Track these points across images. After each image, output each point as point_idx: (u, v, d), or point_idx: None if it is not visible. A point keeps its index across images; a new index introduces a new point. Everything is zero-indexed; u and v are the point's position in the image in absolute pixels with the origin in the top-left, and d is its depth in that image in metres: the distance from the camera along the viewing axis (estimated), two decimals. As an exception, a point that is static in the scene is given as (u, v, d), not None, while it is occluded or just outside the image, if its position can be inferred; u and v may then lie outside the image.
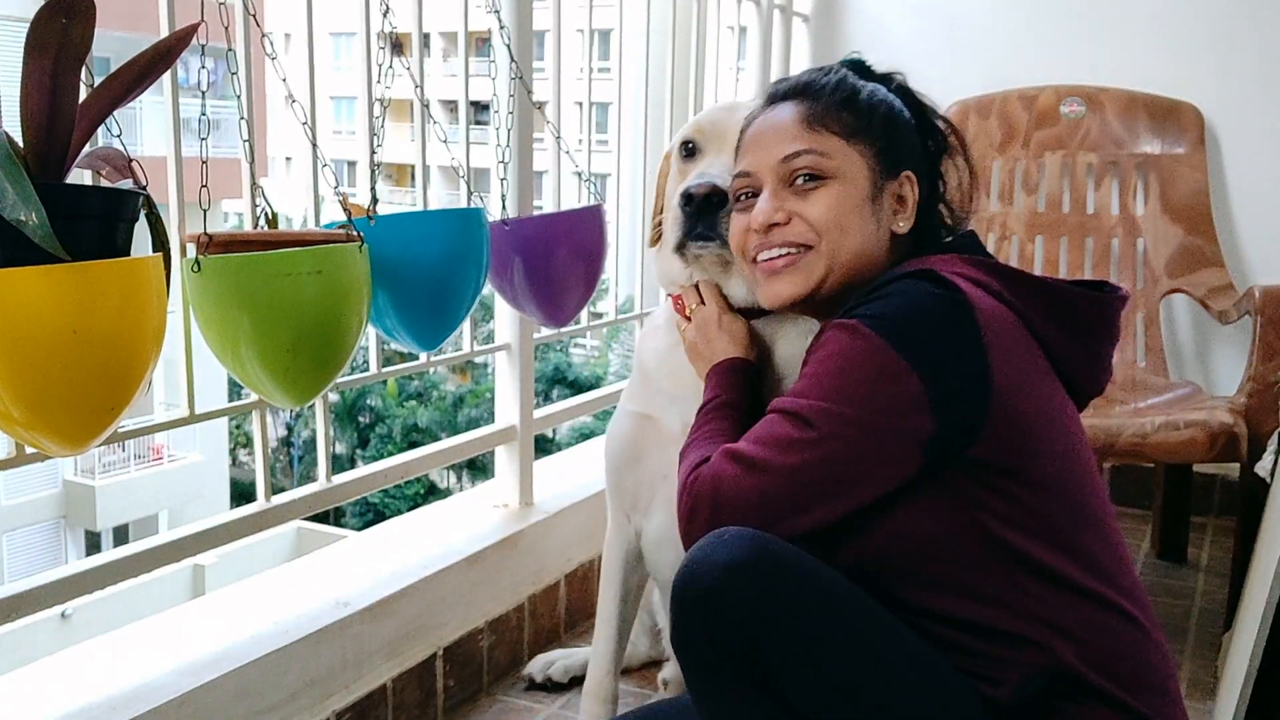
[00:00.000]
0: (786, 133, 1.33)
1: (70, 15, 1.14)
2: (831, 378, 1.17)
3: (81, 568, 1.53)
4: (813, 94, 1.34)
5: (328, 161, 1.71)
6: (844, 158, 1.31)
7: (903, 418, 1.14)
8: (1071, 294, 1.28)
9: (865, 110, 1.33)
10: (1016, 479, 1.17)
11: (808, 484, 1.17)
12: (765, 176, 1.34)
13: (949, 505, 1.17)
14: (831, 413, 1.16)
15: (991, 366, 1.15)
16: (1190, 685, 2.19)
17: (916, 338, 1.15)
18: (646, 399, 1.71)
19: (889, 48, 3.48)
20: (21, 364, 1.09)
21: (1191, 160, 3.01)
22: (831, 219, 1.29)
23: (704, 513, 1.22)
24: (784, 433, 1.18)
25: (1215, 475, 3.09)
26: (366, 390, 17.60)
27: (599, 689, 1.81)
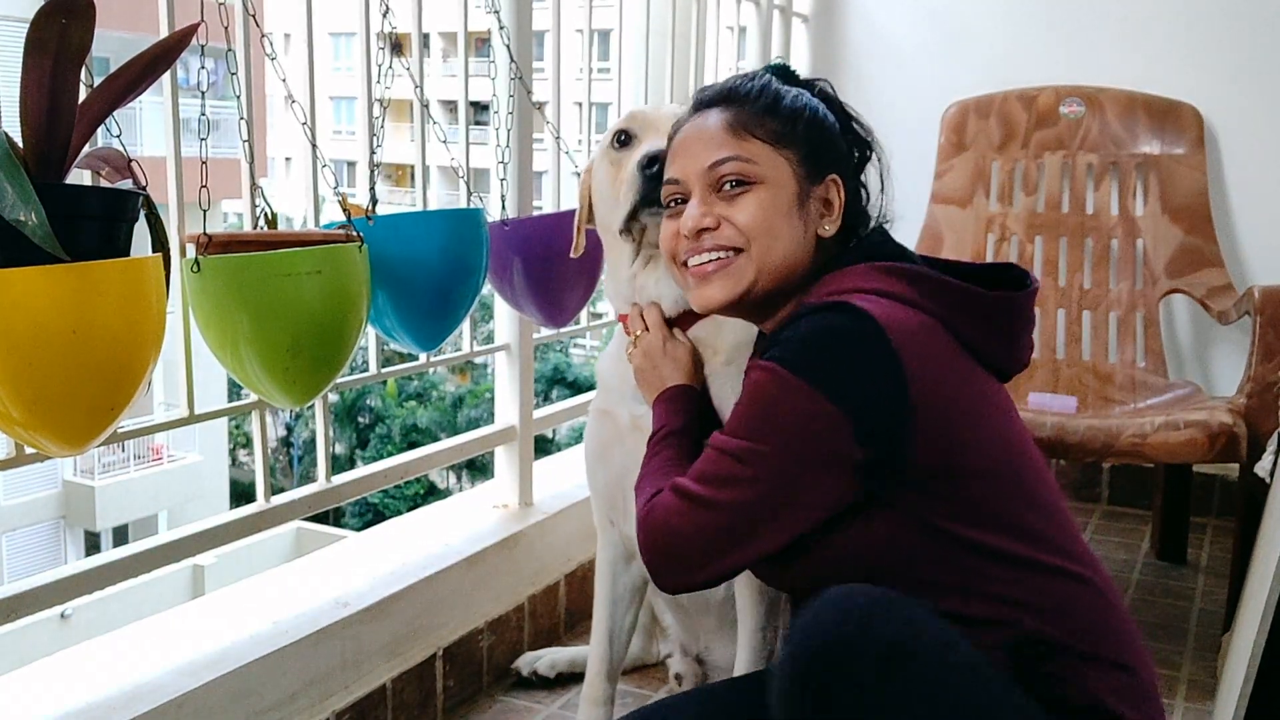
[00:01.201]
0: (713, 140, 1.34)
1: (70, 15, 1.14)
2: (756, 418, 1.22)
3: (81, 568, 1.53)
4: (737, 101, 1.35)
5: (327, 162, 1.71)
6: (769, 163, 1.33)
7: (831, 449, 1.19)
8: (982, 297, 1.30)
9: (789, 116, 1.35)
10: (952, 479, 1.21)
11: (750, 517, 1.22)
12: (693, 183, 1.35)
13: (896, 514, 1.21)
14: (760, 452, 1.21)
15: (909, 387, 1.19)
16: (1190, 686, 2.19)
17: (833, 374, 1.19)
18: (605, 398, 1.76)
19: (888, 48, 3.49)
20: (21, 364, 1.09)
21: (1191, 160, 3.01)
22: (759, 223, 1.32)
23: (659, 547, 1.27)
24: (723, 469, 1.23)
25: (1215, 475, 3.09)
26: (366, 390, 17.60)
27: (593, 692, 1.83)
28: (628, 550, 1.82)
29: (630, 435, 1.69)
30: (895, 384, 1.19)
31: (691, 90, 2.91)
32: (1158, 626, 2.46)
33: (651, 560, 1.29)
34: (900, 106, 3.39)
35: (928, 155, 3.19)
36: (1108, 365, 2.88)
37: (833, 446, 1.18)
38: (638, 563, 1.81)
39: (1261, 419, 2.18)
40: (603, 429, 1.76)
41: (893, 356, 1.19)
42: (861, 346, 1.20)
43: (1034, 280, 1.36)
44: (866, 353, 1.19)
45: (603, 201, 1.65)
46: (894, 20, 3.49)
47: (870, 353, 1.19)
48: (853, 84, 3.53)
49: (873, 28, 3.52)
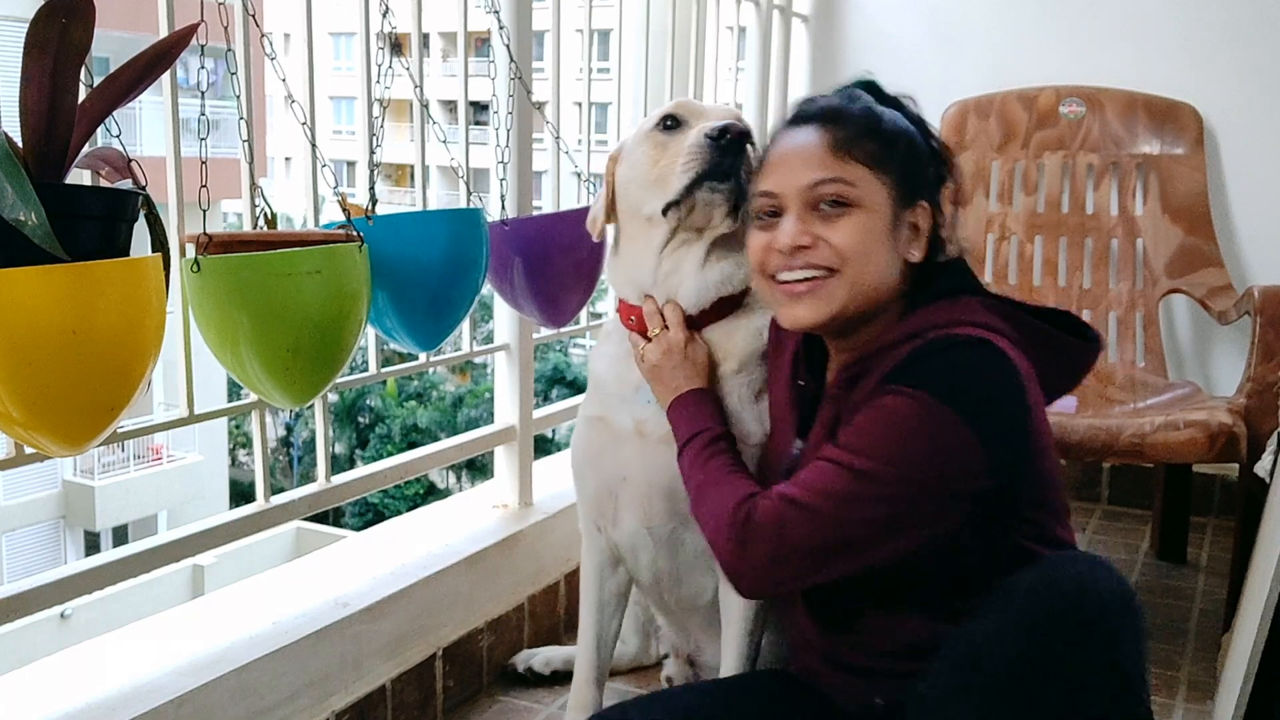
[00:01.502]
0: (813, 158, 1.35)
1: (69, 15, 1.14)
2: (894, 443, 1.24)
3: (81, 568, 1.53)
4: (840, 121, 1.36)
5: (327, 162, 1.71)
6: (868, 187, 1.34)
7: (964, 480, 1.25)
8: (1069, 345, 1.41)
9: (889, 139, 1.36)
10: (1038, 506, 1.33)
11: (867, 534, 1.26)
12: (790, 199, 1.35)
13: (994, 530, 1.30)
14: (893, 475, 1.24)
15: (1030, 425, 1.29)
16: (1190, 686, 2.19)
17: (984, 412, 1.24)
18: (599, 402, 1.75)
19: (888, 48, 3.48)
20: (21, 364, 1.09)
21: (1191, 160, 3.01)
22: (856, 246, 1.32)
23: (762, 550, 1.28)
24: (845, 487, 1.25)
25: (1215, 475, 3.09)
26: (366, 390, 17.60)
27: (580, 698, 1.83)
28: (613, 556, 1.81)
29: (630, 441, 1.68)
30: (1024, 421, 1.28)
31: (691, 92, 2.91)
32: (1157, 626, 2.46)
33: (739, 562, 1.29)
34: (900, 106, 3.39)
35: (928, 155, 3.19)
36: (1108, 365, 2.88)
37: (966, 478, 1.25)
38: (624, 568, 1.82)
39: (1261, 419, 2.18)
40: (595, 435, 1.74)
41: (1023, 395, 1.28)
42: (1002, 384, 1.27)
43: (1099, 338, 1.44)
44: (1006, 390, 1.27)
45: (638, 185, 1.65)
46: (894, 20, 3.49)
47: (1008, 390, 1.27)
48: (852, 84, 3.53)
49: (872, 28, 3.51)
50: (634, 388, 1.67)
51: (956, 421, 1.23)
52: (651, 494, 1.68)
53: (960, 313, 1.33)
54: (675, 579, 1.77)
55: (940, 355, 1.27)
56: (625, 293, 1.70)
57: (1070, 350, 1.42)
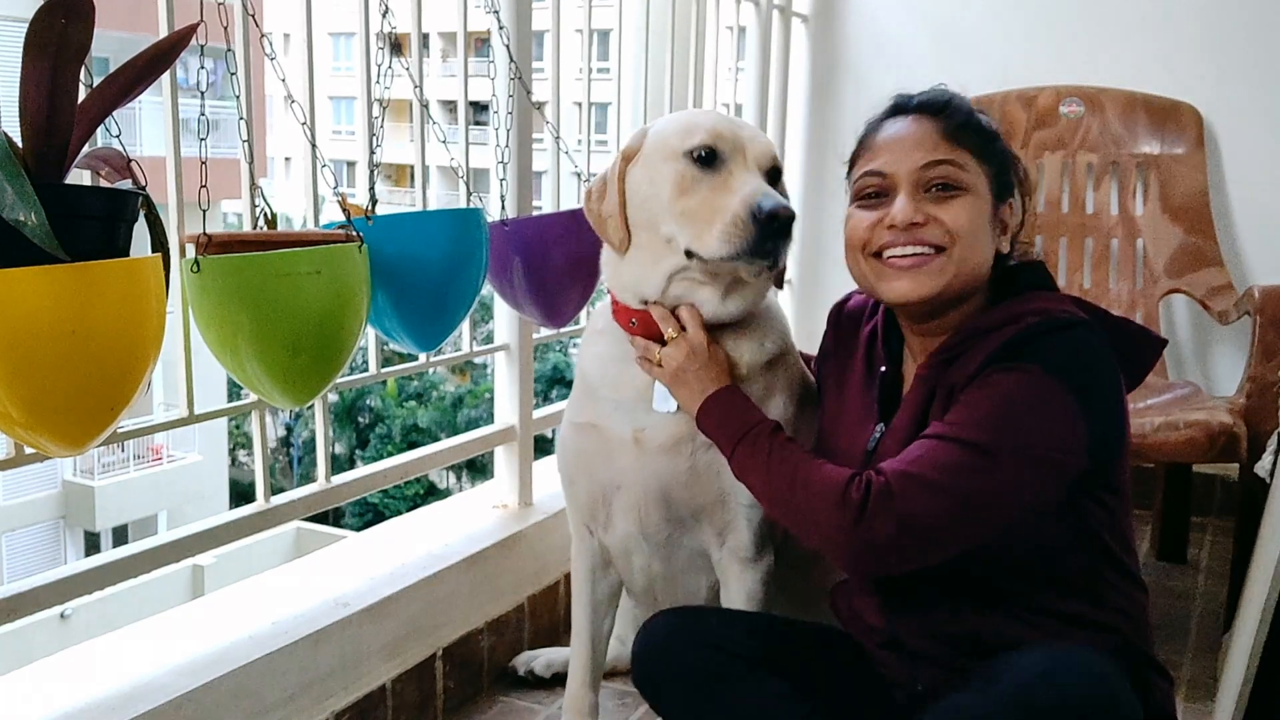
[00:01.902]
0: (926, 141, 1.39)
1: (69, 15, 1.14)
2: (1011, 414, 1.28)
3: (81, 568, 1.53)
4: (950, 110, 1.41)
5: (327, 162, 1.71)
6: (975, 173, 1.39)
7: (1068, 456, 1.28)
8: (1144, 338, 1.46)
9: (990, 134, 1.42)
10: (1115, 492, 1.36)
11: (983, 505, 1.28)
12: (901, 179, 1.39)
13: (1070, 515, 1.33)
14: (1010, 446, 1.27)
15: (1123, 410, 1.35)
16: (1190, 686, 2.19)
17: (1091, 388, 1.29)
18: (591, 409, 1.70)
19: (888, 48, 3.48)
20: (21, 364, 1.09)
21: (1191, 160, 3.01)
22: (966, 227, 1.37)
23: (883, 526, 1.27)
24: (960, 459, 1.27)
25: (1215, 475, 3.09)
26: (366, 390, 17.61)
27: (575, 702, 1.82)
28: (605, 557, 1.80)
29: (626, 450, 1.64)
30: (1121, 406, 1.34)
31: (690, 92, 2.91)
32: (1158, 626, 2.44)
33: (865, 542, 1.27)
34: (900, 106, 3.39)
35: (927, 155, 3.19)
36: (1107, 365, 2.87)
37: (1070, 454, 1.28)
38: (615, 568, 1.81)
39: (1261, 419, 2.18)
40: (586, 442, 1.70)
41: (1119, 380, 1.33)
42: (1108, 367, 1.32)
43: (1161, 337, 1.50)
44: (1110, 373, 1.33)
45: (659, 205, 1.55)
46: (893, 20, 3.49)
47: (1111, 374, 1.33)
48: (852, 84, 3.53)
49: (872, 28, 3.51)
50: (635, 393, 1.63)
51: (1064, 393, 1.27)
52: (647, 501, 1.66)
53: (1056, 303, 1.38)
54: (669, 581, 1.76)
55: (1049, 335, 1.31)
56: (626, 297, 1.64)
57: (1142, 346, 1.45)
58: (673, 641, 1.47)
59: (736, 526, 1.62)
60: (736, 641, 1.45)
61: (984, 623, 1.36)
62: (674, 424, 1.61)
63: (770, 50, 3.38)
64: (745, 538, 1.63)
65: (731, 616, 1.56)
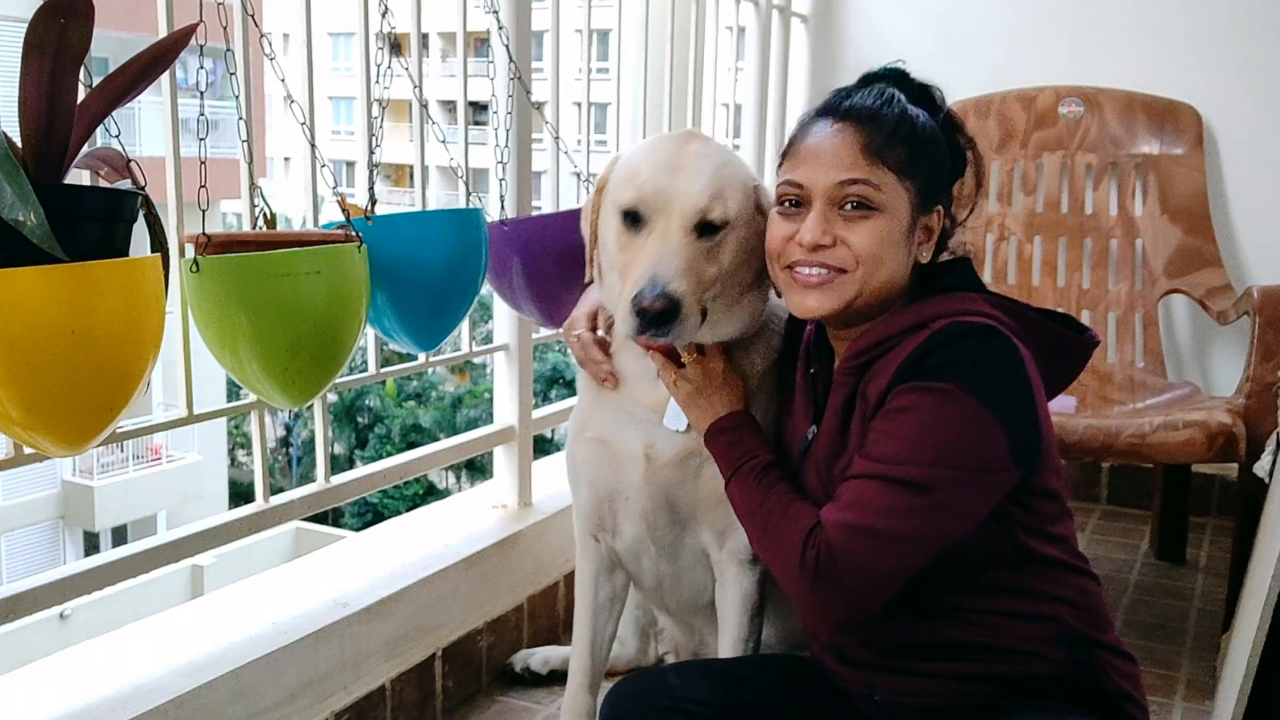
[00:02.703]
0: (845, 157, 1.36)
1: (68, 16, 1.14)
2: (937, 442, 1.27)
3: (80, 568, 1.53)
4: (876, 124, 1.37)
5: (326, 162, 1.71)
6: (893, 193, 1.36)
7: (998, 473, 1.29)
8: (1066, 338, 1.44)
9: (919, 147, 1.38)
10: (1041, 494, 1.36)
11: (928, 543, 1.29)
12: (817, 194, 1.36)
13: (994, 524, 1.32)
14: (946, 477, 1.27)
15: (1040, 412, 1.32)
16: (1189, 686, 2.19)
17: (1002, 397, 1.28)
18: (599, 423, 1.69)
19: (887, 48, 3.45)
20: (20, 364, 1.09)
21: (1190, 161, 3.01)
22: (872, 250, 1.35)
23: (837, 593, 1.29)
24: (898, 502, 1.27)
25: (1214, 475, 3.09)
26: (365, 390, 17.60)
27: (574, 703, 1.82)
28: (610, 561, 1.80)
29: (635, 464, 1.65)
30: (1036, 409, 1.31)
31: (690, 92, 2.91)
32: (1156, 626, 2.46)
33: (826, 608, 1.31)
34: (899, 106, 3.39)
35: (927, 155, 3.19)
36: (1107, 365, 2.88)
37: (1000, 471, 1.29)
38: (620, 572, 1.82)
39: (1260, 419, 2.18)
40: (594, 455, 1.70)
41: (1031, 384, 1.31)
42: (1019, 373, 1.31)
43: (1095, 335, 1.48)
44: (1022, 380, 1.31)
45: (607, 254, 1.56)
46: (893, 20, 3.49)
47: (1024, 380, 1.31)
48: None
49: (871, 28, 3.51)
50: (649, 410, 1.62)
51: (983, 410, 1.26)
52: (655, 509, 1.67)
53: (964, 304, 1.36)
54: (676, 580, 1.77)
55: (953, 345, 1.30)
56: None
57: (1067, 344, 1.44)
58: (635, 708, 1.47)
59: (737, 530, 1.62)
60: (698, 699, 1.45)
61: (919, 628, 1.38)
62: (683, 440, 1.62)
63: (770, 50, 3.38)
64: (745, 541, 1.63)
65: (691, 671, 1.55)
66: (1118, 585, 2.69)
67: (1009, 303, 1.40)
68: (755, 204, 1.53)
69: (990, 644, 1.35)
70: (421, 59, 2.00)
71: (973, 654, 1.36)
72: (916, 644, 1.38)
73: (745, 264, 1.52)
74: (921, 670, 1.38)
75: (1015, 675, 1.35)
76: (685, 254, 1.45)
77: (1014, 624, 1.35)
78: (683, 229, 1.46)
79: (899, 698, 1.40)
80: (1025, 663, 1.35)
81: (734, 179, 1.51)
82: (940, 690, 1.38)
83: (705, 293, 1.48)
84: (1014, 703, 1.35)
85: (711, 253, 1.48)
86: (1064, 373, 1.47)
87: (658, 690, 1.48)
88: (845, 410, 1.40)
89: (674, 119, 2.89)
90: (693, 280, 1.45)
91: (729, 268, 1.50)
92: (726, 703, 1.45)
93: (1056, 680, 1.35)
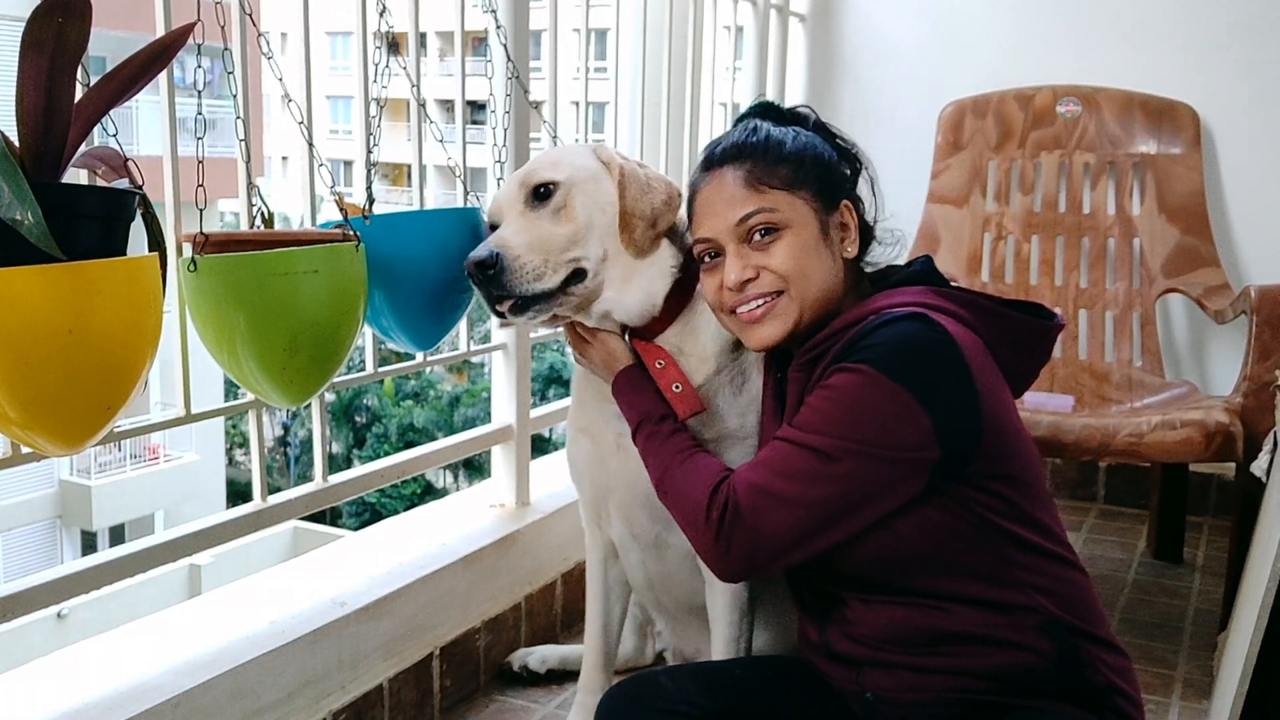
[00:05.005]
0: (735, 197, 1.44)
1: (66, 14, 1.14)
2: (849, 417, 1.31)
3: (77, 567, 1.53)
4: (746, 154, 1.46)
5: (324, 161, 1.71)
6: (789, 208, 1.43)
7: (915, 451, 1.30)
8: (1025, 323, 1.46)
9: (795, 159, 1.45)
10: (1001, 479, 1.36)
11: (833, 510, 1.32)
12: (725, 239, 1.45)
13: (954, 506, 1.35)
14: (853, 450, 1.30)
15: (980, 396, 1.33)
16: (1186, 685, 2.19)
17: (923, 379, 1.31)
18: (585, 415, 1.78)
19: (885, 47, 3.49)
20: (17, 363, 1.09)
21: (1187, 160, 3.01)
22: (793, 265, 1.42)
23: (739, 543, 1.34)
24: (806, 466, 1.32)
25: (1211, 475, 3.10)
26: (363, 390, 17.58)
27: (590, 682, 1.89)
28: (614, 549, 1.87)
29: (615, 456, 1.73)
30: (970, 392, 1.33)
31: (688, 91, 2.91)
32: (1154, 625, 2.47)
33: (727, 559, 1.35)
34: (897, 106, 3.40)
35: (924, 155, 3.20)
36: (1104, 364, 2.88)
37: (918, 447, 1.30)
38: (622, 565, 1.88)
39: (1258, 418, 2.18)
40: (583, 447, 1.79)
41: (966, 367, 1.33)
42: (944, 355, 1.32)
43: (1061, 318, 1.51)
44: (948, 361, 1.32)
45: None
46: (891, 20, 3.49)
47: (951, 362, 1.32)
48: (850, 84, 3.53)
49: (870, 27, 3.52)
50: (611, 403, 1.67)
51: (898, 389, 1.29)
52: (633, 504, 1.73)
53: (903, 296, 1.40)
54: (666, 579, 1.79)
55: (878, 331, 1.34)
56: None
57: (1027, 328, 1.46)
58: (628, 713, 1.48)
59: None
60: (690, 701, 1.46)
61: (900, 615, 1.39)
62: None
63: (768, 50, 3.38)
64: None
65: (683, 674, 1.57)
66: (1115, 584, 2.70)
67: (964, 293, 1.44)
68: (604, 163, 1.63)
69: (972, 633, 1.36)
70: (419, 58, 2.00)
71: (956, 644, 1.36)
72: (899, 636, 1.39)
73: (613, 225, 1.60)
74: (907, 663, 1.38)
75: (1002, 668, 1.35)
76: (519, 222, 1.58)
77: (993, 613, 1.35)
78: (519, 201, 1.60)
79: (889, 694, 1.41)
80: (1010, 654, 1.35)
81: (568, 151, 1.67)
82: (929, 685, 1.38)
83: (568, 251, 1.58)
84: (1005, 703, 1.35)
85: (557, 214, 1.59)
86: (1031, 358, 1.49)
87: (651, 694, 1.49)
88: (797, 405, 1.44)
89: (671, 118, 2.89)
90: (533, 238, 1.56)
91: (586, 224, 1.59)
92: (719, 705, 1.46)
93: (1044, 674, 1.35)
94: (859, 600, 1.41)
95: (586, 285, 1.60)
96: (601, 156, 1.66)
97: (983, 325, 1.40)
